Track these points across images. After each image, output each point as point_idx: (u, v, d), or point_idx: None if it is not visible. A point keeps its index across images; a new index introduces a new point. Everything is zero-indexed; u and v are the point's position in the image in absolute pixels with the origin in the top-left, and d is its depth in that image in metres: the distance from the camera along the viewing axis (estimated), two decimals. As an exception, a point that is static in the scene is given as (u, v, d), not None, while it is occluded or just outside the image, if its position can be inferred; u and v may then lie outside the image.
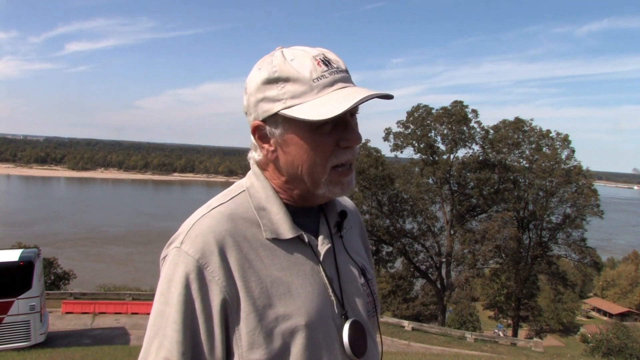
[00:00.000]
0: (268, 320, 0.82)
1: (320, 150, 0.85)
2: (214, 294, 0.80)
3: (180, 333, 0.79)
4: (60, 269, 30.80)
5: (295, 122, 0.84)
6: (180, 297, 0.80)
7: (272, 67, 0.85)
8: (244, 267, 0.83)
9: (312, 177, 0.87)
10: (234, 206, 0.90)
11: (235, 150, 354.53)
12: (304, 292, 0.86)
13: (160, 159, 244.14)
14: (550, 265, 30.61)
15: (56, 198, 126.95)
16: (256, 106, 0.87)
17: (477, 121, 30.53)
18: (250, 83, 0.89)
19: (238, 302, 0.81)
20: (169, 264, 0.84)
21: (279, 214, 0.90)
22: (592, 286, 59.33)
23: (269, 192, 0.91)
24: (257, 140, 0.90)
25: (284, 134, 0.86)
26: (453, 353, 17.98)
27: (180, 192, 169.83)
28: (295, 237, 0.89)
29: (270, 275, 0.85)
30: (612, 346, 19.01)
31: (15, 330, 13.78)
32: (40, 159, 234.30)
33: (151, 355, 0.80)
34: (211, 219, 0.87)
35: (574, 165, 29.81)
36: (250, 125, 0.90)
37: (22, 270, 13.90)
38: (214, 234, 0.83)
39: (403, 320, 24.71)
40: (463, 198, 30.91)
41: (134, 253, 59.41)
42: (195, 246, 0.82)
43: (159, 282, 0.84)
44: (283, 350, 0.81)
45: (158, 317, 0.81)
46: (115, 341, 17.39)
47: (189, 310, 0.79)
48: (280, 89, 0.84)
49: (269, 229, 0.88)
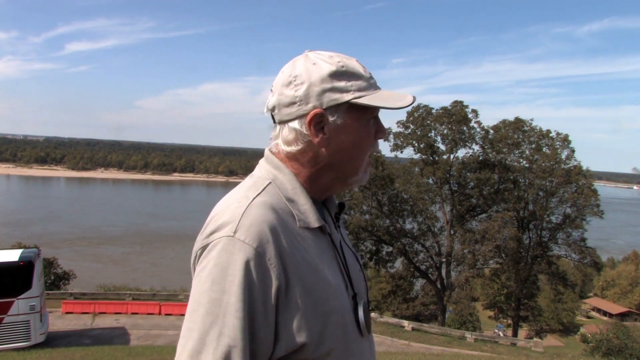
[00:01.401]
0: (312, 304, 0.87)
1: (368, 139, 0.99)
2: (271, 281, 0.83)
3: (243, 321, 0.80)
4: (60, 269, 30.79)
5: (355, 112, 0.96)
6: (241, 284, 0.81)
7: (338, 62, 0.95)
8: (292, 254, 0.87)
9: (357, 163, 0.99)
10: (269, 197, 0.93)
11: (235, 150, 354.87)
12: (332, 278, 0.94)
13: (160, 159, 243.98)
14: (550, 265, 30.61)
15: (55, 198, 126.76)
16: (321, 95, 0.94)
17: (477, 121, 30.55)
18: (312, 74, 0.94)
19: (288, 288, 0.85)
20: (220, 253, 0.84)
21: (306, 205, 0.96)
22: (592, 286, 59.34)
23: (295, 184, 0.97)
24: (311, 129, 0.94)
25: (344, 122, 0.95)
26: (453, 353, 17.98)
27: (180, 192, 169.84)
28: (319, 226, 0.96)
29: (310, 261, 0.90)
30: (612, 346, 19.01)
31: (15, 330, 13.78)
32: (40, 159, 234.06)
33: (211, 344, 0.79)
34: (259, 208, 0.89)
35: (574, 165, 29.82)
36: (309, 113, 0.94)
37: (22, 270, 13.90)
38: (267, 223, 0.87)
39: (403, 320, 24.69)
40: (463, 198, 30.90)
41: (130, 253, 59.28)
42: (251, 235, 0.84)
43: (206, 271, 0.84)
44: (322, 330, 0.88)
45: (213, 306, 0.81)
46: (115, 341, 17.38)
47: (250, 297, 0.82)
48: (347, 82, 0.94)
49: (300, 218, 0.94)
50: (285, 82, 0.96)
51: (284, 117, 0.97)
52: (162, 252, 60.95)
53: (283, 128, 0.98)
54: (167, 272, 47.28)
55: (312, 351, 0.87)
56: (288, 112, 0.96)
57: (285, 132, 0.97)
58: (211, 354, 0.79)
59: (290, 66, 0.98)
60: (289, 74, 0.97)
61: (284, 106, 0.96)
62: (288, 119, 0.96)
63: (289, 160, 0.99)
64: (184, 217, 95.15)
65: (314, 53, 0.99)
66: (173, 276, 41.92)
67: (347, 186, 1.04)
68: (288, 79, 0.96)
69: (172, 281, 34.19)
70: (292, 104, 0.95)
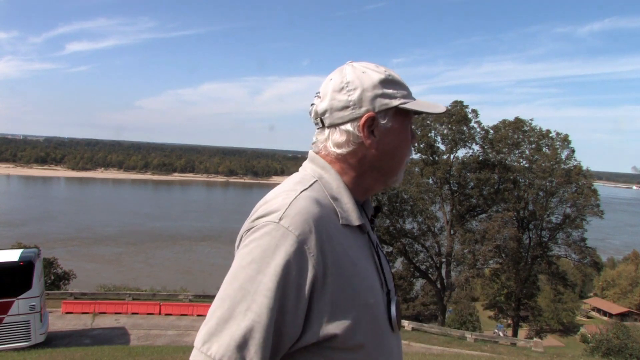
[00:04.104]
0: (347, 296, 0.91)
1: (408, 142, 1.08)
2: (308, 269, 0.88)
3: (272, 300, 0.84)
4: (60, 269, 30.79)
5: (400, 117, 1.05)
6: (278, 267, 0.85)
7: (385, 71, 1.05)
8: (332, 247, 0.91)
9: (399, 165, 1.08)
10: (315, 193, 0.98)
11: (235, 150, 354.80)
12: (369, 273, 0.99)
13: (160, 159, 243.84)
14: (550, 265, 30.62)
15: (52, 198, 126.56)
16: (373, 100, 1.02)
17: (477, 121, 30.56)
18: (365, 81, 1.02)
19: (325, 279, 0.89)
20: (263, 235, 0.89)
21: (349, 203, 1.01)
22: (592, 286, 59.35)
23: (339, 184, 1.03)
24: (364, 131, 1.02)
25: (392, 126, 1.04)
26: (453, 353, 17.98)
27: (179, 192, 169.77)
28: (358, 225, 1.01)
29: (349, 256, 0.95)
30: (612, 346, 19.00)
31: (15, 330, 13.78)
32: (40, 159, 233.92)
33: (237, 317, 0.84)
34: (305, 200, 0.94)
35: (574, 165, 29.83)
36: (363, 116, 1.01)
37: (22, 270, 13.90)
38: (311, 215, 0.91)
39: (403, 320, 24.69)
40: (463, 198, 30.90)
41: (123, 253, 59.07)
42: (296, 224, 0.89)
43: (248, 250, 0.89)
44: (355, 323, 0.91)
45: (247, 282, 0.86)
46: (115, 341, 17.37)
47: (284, 281, 0.85)
48: (394, 89, 1.04)
49: (343, 216, 0.99)
50: (337, 87, 1.03)
51: (337, 121, 1.03)
52: (156, 252, 60.85)
53: (334, 131, 1.04)
54: (164, 272, 47.30)
55: (344, 342, 0.90)
56: (341, 116, 1.02)
57: (336, 135, 1.04)
58: (236, 325, 0.84)
59: (340, 74, 1.05)
60: (340, 80, 1.04)
61: (336, 110, 1.03)
62: (340, 122, 1.03)
63: (337, 161, 1.05)
64: (181, 217, 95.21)
65: (358, 63, 1.07)
66: (170, 276, 41.99)
67: (386, 186, 1.12)
68: (340, 85, 1.03)
69: (169, 281, 34.22)
70: (345, 108, 1.02)
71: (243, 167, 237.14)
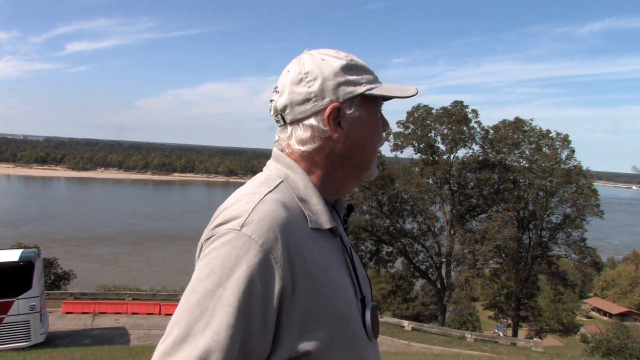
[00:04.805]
0: (319, 309, 0.83)
1: (379, 131, 1.01)
2: (275, 280, 0.79)
3: (232, 317, 0.76)
4: (60, 269, 30.79)
5: (367, 105, 0.97)
6: (240, 280, 0.77)
7: (347, 57, 0.96)
8: (300, 255, 0.83)
9: (370, 157, 1.00)
10: (281, 195, 0.90)
11: (235, 150, 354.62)
12: (342, 281, 0.91)
13: (160, 159, 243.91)
14: (550, 265, 30.61)
15: (52, 198, 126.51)
16: (336, 89, 0.93)
17: (477, 121, 30.58)
18: (324, 69, 0.94)
19: (294, 291, 0.81)
20: (224, 245, 0.80)
21: (319, 205, 0.93)
22: (592, 286, 59.31)
23: (307, 184, 0.94)
24: (330, 124, 0.93)
25: (359, 115, 0.96)
26: (453, 353, 17.98)
27: (179, 192, 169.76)
28: (330, 228, 0.93)
29: (319, 263, 0.86)
30: (612, 346, 18.97)
31: (15, 330, 13.77)
32: (40, 159, 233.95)
33: (195, 335, 0.75)
34: (270, 204, 0.85)
35: (574, 165, 29.83)
36: (326, 108, 0.93)
37: (22, 270, 13.89)
38: (277, 221, 0.83)
39: (403, 320, 24.66)
40: (463, 198, 30.89)
41: (123, 253, 59.10)
42: (259, 231, 0.80)
43: (206, 261, 0.81)
44: (329, 337, 0.84)
45: (206, 297, 0.77)
46: (115, 341, 17.37)
47: (248, 296, 0.77)
48: (358, 75, 0.95)
49: (312, 219, 0.90)
50: (296, 79, 0.94)
51: (298, 116, 0.94)
52: (156, 253, 60.86)
53: (297, 128, 0.95)
54: (164, 272, 47.23)
55: (317, 358, 0.83)
56: (303, 110, 0.94)
57: (299, 131, 0.95)
58: (193, 344, 0.74)
59: (297, 64, 0.96)
60: (298, 71, 0.95)
61: (297, 104, 0.94)
62: (303, 117, 0.94)
63: (303, 160, 0.97)
64: (181, 217, 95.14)
65: (315, 51, 0.98)
66: (170, 276, 41.90)
67: (359, 182, 1.04)
68: (298, 76, 0.94)
69: (169, 281, 34.16)
70: (307, 101, 0.93)
71: (243, 167, 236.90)
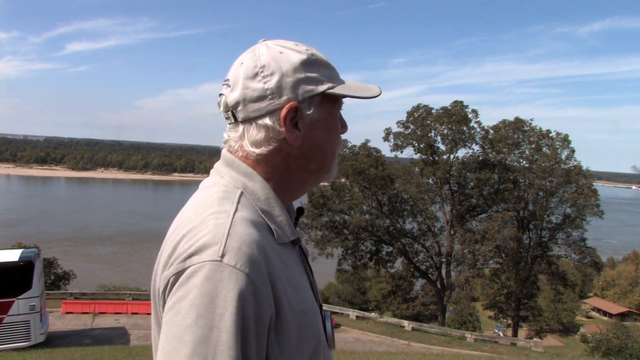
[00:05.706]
0: (300, 325, 0.79)
1: (337, 133, 0.93)
2: (264, 309, 0.73)
3: (235, 359, 0.69)
4: (60, 269, 30.80)
5: (328, 104, 0.89)
6: (234, 317, 0.69)
7: (307, 50, 0.88)
8: (278, 276, 0.77)
9: (330, 159, 0.93)
10: (247, 211, 0.81)
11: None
12: (309, 294, 0.87)
13: (160, 159, 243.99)
14: (550, 265, 30.61)
15: (51, 198, 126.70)
16: (295, 86, 0.84)
17: (477, 121, 30.56)
18: (283, 64, 0.85)
19: (278, 317, 0.75)
20: (204, 281, 0.70)
21: (282, 216, 0.86)
22: (592, 286, 59.34)
23: (268, 194, 0.86)
24: (286, 124, 0.84)
25: (318, 116, 0.88)
26: (453, 353, 17.98)
27: (179, 192, 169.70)
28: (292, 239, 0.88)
29: (291, 279, 0.81)
30: (612, 346, 18.98)
31: (15, 330, 13.77)
32: (40, 159, 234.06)
33: None
34: (243, 225, 0.77)
35: (574, 165, 29.84)
36: (283, 107, 0.84)
37: (22, 270, 13.88)
38: (256, 244, 0.75)
39: (403, 320, 24.69)
40: (463, 198, 30.89)
41: (123, 253, 59.14)
42: (243, 259, 0.72)
43: (188, 303, 0.70)
44: (308, 349, 0.81)
45: (201, 345, 0.67)
46: (115, 341, 17.37)
47: (244, 332, 0.70)
48: (319, 72, 0.87)
49: (279, 234, 0.84)
50: (250, 73, 0.85)
51: (252, 114, 0.85)
52: (156, 253, 60.63)
53: (250, 127, 0.86)
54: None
55: None
56: (257, 108, 0.85)
57: (253, 131, 0.86)
58: None
59: (252, 56, 0.87)
60: (253, 64, 0.85)
61: (251, 101, 0.85)
62: (257, 116, 0.85)
63: (259, 165, 0.87)
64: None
65: (272, 42, 0.89)
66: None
67: (317, 184, 0.98)
68: (253, 70, 0.85)
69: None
70: (262, 98, 0.84)
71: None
